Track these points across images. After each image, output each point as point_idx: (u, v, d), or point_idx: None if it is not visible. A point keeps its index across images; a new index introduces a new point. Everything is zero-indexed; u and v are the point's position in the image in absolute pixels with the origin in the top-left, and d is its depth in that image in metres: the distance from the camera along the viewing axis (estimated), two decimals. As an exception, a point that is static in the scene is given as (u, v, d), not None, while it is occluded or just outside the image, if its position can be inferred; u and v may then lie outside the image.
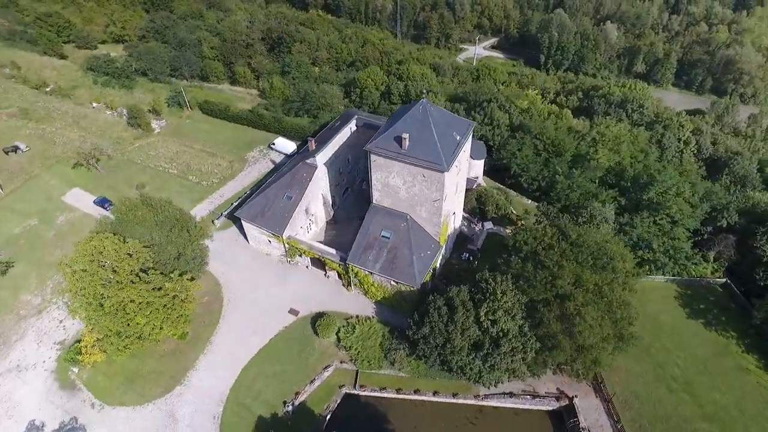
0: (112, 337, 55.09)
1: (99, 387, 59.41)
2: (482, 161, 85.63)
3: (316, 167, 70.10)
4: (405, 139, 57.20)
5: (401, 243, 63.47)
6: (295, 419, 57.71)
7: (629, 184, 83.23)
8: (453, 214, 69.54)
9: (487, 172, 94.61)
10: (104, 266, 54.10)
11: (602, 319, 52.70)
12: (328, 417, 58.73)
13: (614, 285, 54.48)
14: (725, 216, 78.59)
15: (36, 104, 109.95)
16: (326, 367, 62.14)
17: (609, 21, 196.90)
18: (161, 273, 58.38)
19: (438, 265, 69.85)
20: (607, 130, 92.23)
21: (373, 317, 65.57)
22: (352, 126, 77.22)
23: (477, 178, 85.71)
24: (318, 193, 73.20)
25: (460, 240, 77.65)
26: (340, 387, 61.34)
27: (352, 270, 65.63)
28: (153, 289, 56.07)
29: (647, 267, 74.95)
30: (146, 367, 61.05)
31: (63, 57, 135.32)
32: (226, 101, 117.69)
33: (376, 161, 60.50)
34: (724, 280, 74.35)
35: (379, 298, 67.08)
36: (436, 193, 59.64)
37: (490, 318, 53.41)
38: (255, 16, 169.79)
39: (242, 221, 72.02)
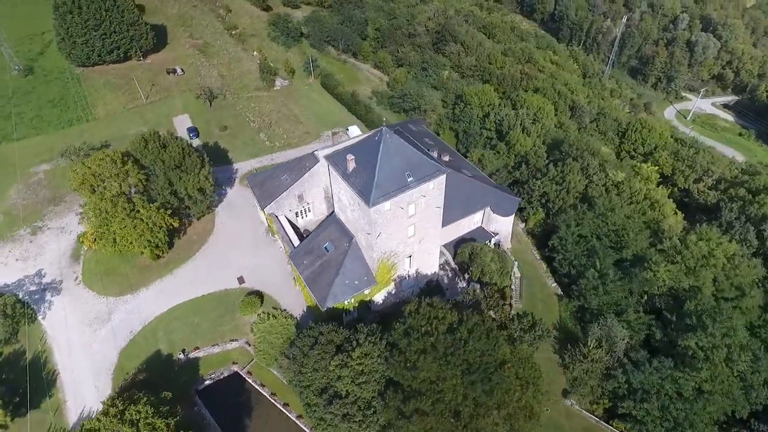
0: (98, 232, 68.32)
1: (87, 268, 74.65)
2: (509, 218, 75.27)
3: (318, 160, 71.92)
4: (350, 161, 55.13)
5: (334, 261, 62.22)
6: (181, 367, 63.89)
7: (673, 317, 63.96)
8: (409, 257, 64.31)
9: (539, 236, 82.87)
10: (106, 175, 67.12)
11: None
12: (205, 384, 63.28)
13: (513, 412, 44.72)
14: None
15: (217, 41, 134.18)
16: (232, 340, 66.25)
17: None
18: (148, 200, 69.17)
19: (380, 301, 66.29)
20: (703, 247, 70.54)
21: (294, 318, 66.45)
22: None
23: (496, 234, 75.89)
24: (318, 184, 75.07)
25: (434, 288, 71.27)
26: (233, 363, 65.03)
27: (293, 267, 67.10)
28: (132, 210, 67.11)
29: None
30: (121, 269, 74.03)
31: (266, 9, 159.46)
32: (349, 80, 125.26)
33: (331, 172, 59.76)
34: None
35: (310, 303, 67.41)
36: (368, 227, 56.38)
37: (336, 372, 49.82)
38: (446, 9, 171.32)
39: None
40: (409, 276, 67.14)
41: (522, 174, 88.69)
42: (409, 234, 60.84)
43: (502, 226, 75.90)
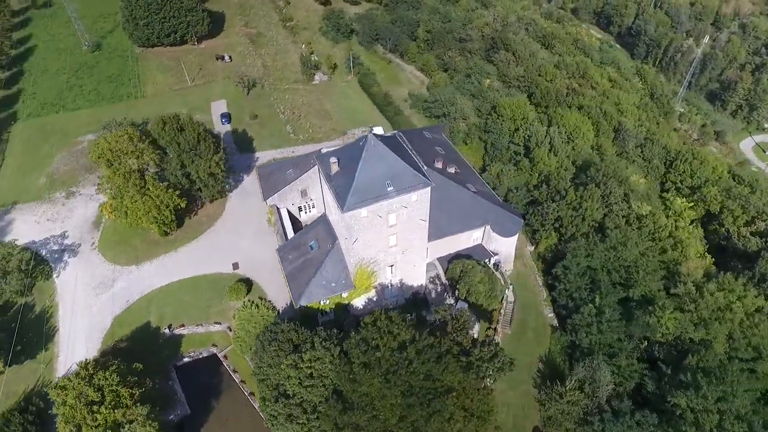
0: (113, 203, 73.12)
1: (104, 236, 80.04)
2: (511, 240, 72.06)
3: (322, 159, 72.48)
4: (333, 163, 55.11)
5: (316, 260, 62.58)
6: (165, 341, 67.11)
7: (668, 369, 58.74)
8: (390, 266, 63.29)
9: (550, 261, 78.82)
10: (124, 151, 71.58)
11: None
12: (184, 361, 66.04)
13: None
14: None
15: (269, 32, 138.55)
16: (216, 323, 68.61)
17: None
18: (160, 179, 72.98)
19: (360, 306, 65.99)
20: (720, 298, 63.95)
21: (275, 310, 67.63)
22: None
23: (496, 254, 72.89)
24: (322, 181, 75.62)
25: (420, 301, 69.83)
26: (213, 345, 67.41)
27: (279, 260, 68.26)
28: (141, 187, 71.10)
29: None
30: (133, 241, 78.66)
31: (325, 3, 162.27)
32: (390, 80, 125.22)
33: (319, 172, 60.02)
34: None
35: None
36: (345, 231, 56.16)
37: (286, 371, 50.16)
38: (507, 15, 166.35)
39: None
40: (392, 285, 66.22)
41: (541, 194, 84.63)
42: (391, 243, 59.91)
43: (503, 247, 72.79)
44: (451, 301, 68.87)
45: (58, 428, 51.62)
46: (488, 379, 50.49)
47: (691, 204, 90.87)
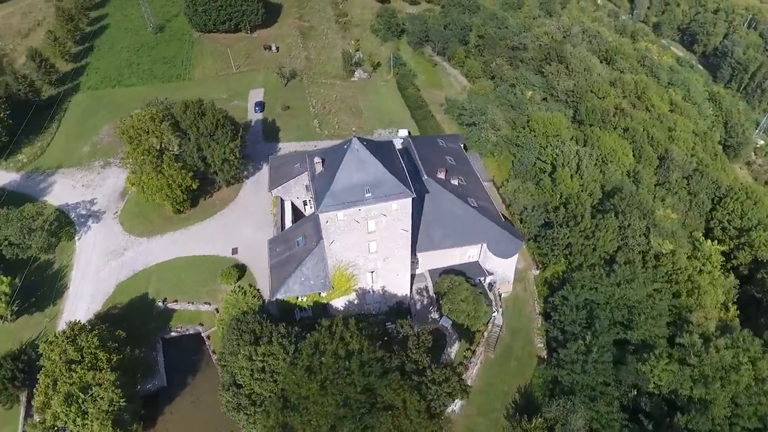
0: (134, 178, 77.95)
1: (127, 207, 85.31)
2: (509, 261, 68.96)
3: (328, 157, 72.96)
4: (317, 163, 55.34)
5: (299, 256, 63.19)
6: (158, 313, 70.70)
7: (650, 425, 53.95)
8: (371, 272, 62.56)
9: (557, 287, 74.80)
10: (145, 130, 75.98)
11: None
12: (171, 335, 69.23)
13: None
14: None
15: (321, 26, 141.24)
16: (206, 303, 71.27)
17: None
18: (176, 160, 76.75)
19: (340, 307, 66.01)
20: (727, 356, 57.74)
21: (262, 299, 69.04)
22: (397, 142, 74.63)
23: (491, 274, 70.06)
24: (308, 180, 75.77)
25: (404, 311, 68.64)
26: (199, 324, 70.16)
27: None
28: (157, 165, 75.07)
29: None
30: (150, 215, 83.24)
31: (383, 1, 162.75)
32: (432, 83, 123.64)
33: (308, 171, 60.41)
34: None
35: (279, 290, 69.44)
36: (323, 231, 56.27)
37: (241, 361, 51.17)
38: (570, 26, 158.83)
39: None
40: (373, 291, 65.54)
41: (557, 217, 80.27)
42: (371, 250, 59.25)
43: (499, 268, 69.82)
44: (435, 315, 67.29)
45: (39, 379, 55.80)
46: (436, 403, 48.59)
47: (731, 247, 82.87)
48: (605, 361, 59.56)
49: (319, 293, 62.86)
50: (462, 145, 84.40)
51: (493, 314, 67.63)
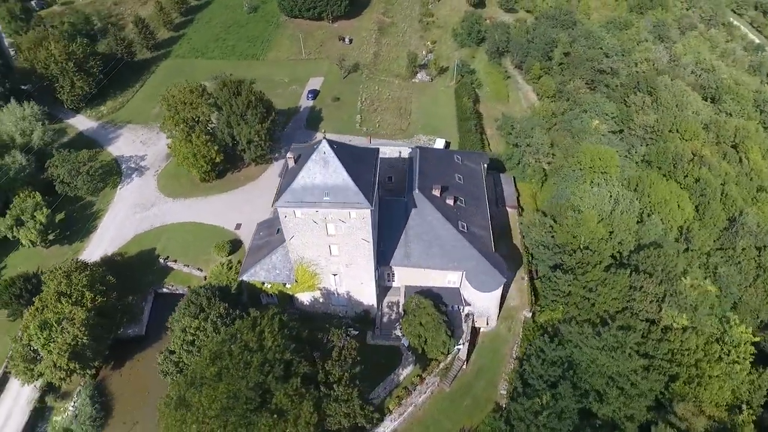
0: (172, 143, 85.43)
1: (167, 167, 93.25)
2: (489, 296, 64.55)
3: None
4: (289, 159, 56.31)
5: (274, 243, 64.80)
6: (158, 269, 76.99)
7: None
8: (334, 275, 62.23)
9: (551, 333, 68.81)
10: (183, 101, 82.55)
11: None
12: (162, 290, 75.11)
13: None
14: None
15: (403, 23, 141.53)
16: (198, 269, 76.17)
17: None
18: (206, 133, 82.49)
19: (306, 301, 66.92)
20: None
21: (246, 274, 71.92)
22: (404, 150, 73.07)
23: (469, 305, 66.13)
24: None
25: (369, 320, 67.57)
26: (188, 287, 75.10)
27: (258, 234, 72.15)
28: (187, 135, 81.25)
29: None
30: (182, 178, 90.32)
31: (477, 6, 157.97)
32: (498, 96, 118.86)
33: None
34: None
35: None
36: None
37: (177, 331, 54.23)
38: (681, 56, 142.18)
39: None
40: (338, 294, 65.25)
41: (570, 261, 73.31)
42: (333, 253, 59.02)
43: (478, 301, 65.66)
44: (398, 332, 65.50)
45: (34, 301, 63.90)
46: (331, 421, 47.19)
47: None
48: (555, 428, 53.70)
49: (284, 284, 64.07)
50: (484, 165, 79.91)
51: (457, 347, 63.89)
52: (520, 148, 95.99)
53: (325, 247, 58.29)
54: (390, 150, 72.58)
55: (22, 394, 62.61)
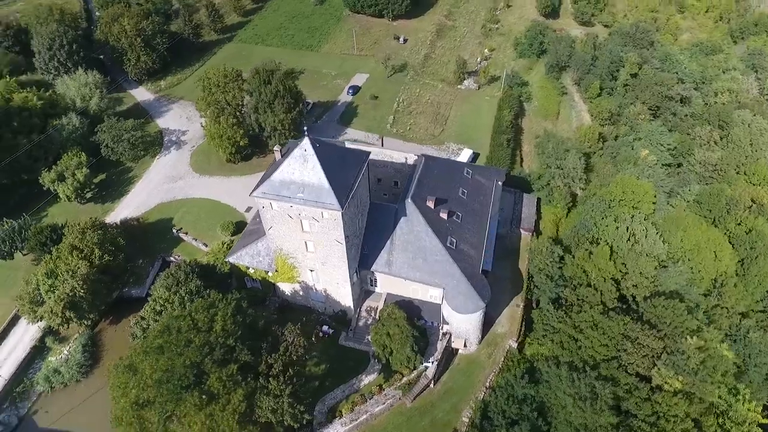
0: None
1: (202, 145, 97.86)
2: (467, 318, 61.99)
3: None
4: (276, 152, 57.57)
5: (261, 231, 66.25)
6: (170, 238, 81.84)
7: None
8: (311, 271, 62.65)
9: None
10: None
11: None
12: (170, 259, 79.78)
13: None
14: None
15: (464, 27, 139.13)
16: (204, 244, 79.97)
17: None
18: (234, 116, 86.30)
19: (287, 291, 68.18)
20: None
21: (240, 257, 74.56)
22: (410, 157, 71.83)
23: (447, 323, 63.91)
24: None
25: (346, 321, 67.50)
26: (194, 259, 79.15)
27: (259, 219, 74.18)
28: (217, 116, 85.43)
29: None
30: (213, 156, 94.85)
31: (549, 16, 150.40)
32: (548, 112, 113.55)
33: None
34: None
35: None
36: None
37: (153, 296, 57.44)
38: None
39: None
40: (316, 290, 65.70)
41: (568, 296, 68.71)
42: (309, 249, 59.50)
43: (456, 322, 63.27)
44: (370, 338, 64.83)
45: (52, 251, 70.35)
46: (260, 413, 47.43)
47: None
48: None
49: (266, 272, 65.61)
50: (498, 183, 76.52)
51: (425, 364, 62.04)
52: (550, 170, 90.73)
53: (301, 243, 58.91)
54: (397, 155, 71.44)
55: (28, 332, 69.40)
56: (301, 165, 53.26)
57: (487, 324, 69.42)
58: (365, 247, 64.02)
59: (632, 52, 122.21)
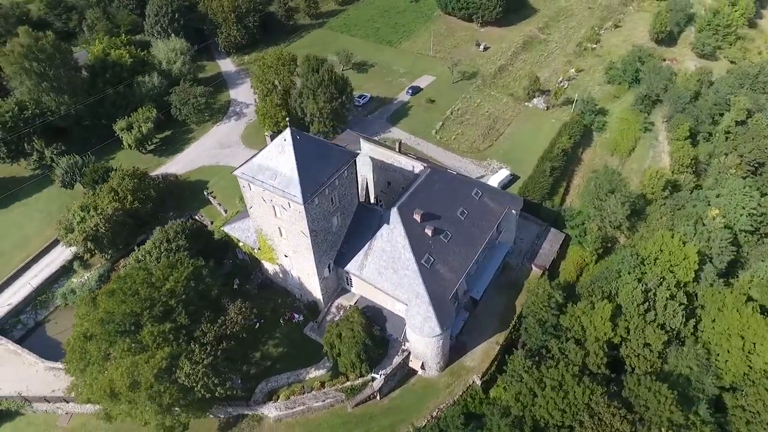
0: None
1: (254, 122, 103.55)
2: (430, 340, 59.44)
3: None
4: (267, 136, 59.79)
5: (258, 210, 69.49)
6: (201, 198, 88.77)
7: None
8: (285, 256, 64.31)
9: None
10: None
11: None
12: (195, 216, 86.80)
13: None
14: None
15: (553, 44, 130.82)
16: (225, 210, 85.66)
17: None
18: (281, 98, 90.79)
19: (270, 270, 70.90)
20: None
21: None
22: (417, 166, 70.13)
23: (406, 341, 62.00)
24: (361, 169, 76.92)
25: (316, 313, 68.50)
26: (211, 222, 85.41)
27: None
28: (265, 96, 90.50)
29: None
30: (260, 133, 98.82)
31: (662, 42, 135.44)
32: (611, 143, 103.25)
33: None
34: None
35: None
36: (243, 192, 61.65)
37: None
38: None
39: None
40: (292, 275, 67.37)
41: (552, 347, 63.09)
42: (282, 235, 61.18)
43: (414, 342, 61.13)
44: (331, 335, 65.22)
45: (97, 189, 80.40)
46: (178, 373, 49.66)
47: None
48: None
49: (252, 248, 68.75)
50: (513, 211, 71.71)
51: (373, 375, 61.00)
52: (588, 209, 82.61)
53: (276, 227, 60.76)
54: (405, 161, 70.09)
55: (63, 254, 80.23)
56: (278, 154, 54.85)
57: (459, 353, 66.30)
58: (344, 246, 64.20)
59: (744, 96, 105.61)
